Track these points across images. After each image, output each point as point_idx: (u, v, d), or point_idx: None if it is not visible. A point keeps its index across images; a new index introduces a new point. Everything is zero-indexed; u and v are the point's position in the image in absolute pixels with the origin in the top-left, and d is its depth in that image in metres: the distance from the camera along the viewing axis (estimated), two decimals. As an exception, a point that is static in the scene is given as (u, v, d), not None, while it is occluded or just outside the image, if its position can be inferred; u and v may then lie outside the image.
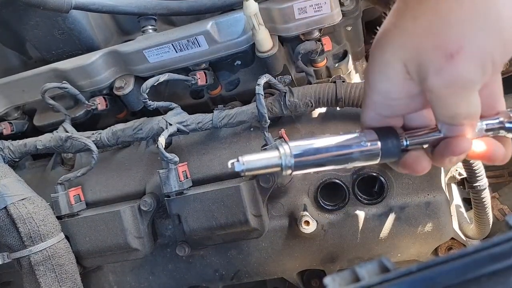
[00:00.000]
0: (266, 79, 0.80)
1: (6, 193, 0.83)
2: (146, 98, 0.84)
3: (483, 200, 0.84)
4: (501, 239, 0.32)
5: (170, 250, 0.98)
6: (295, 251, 0.93)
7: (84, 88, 0.92)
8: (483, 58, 0.49)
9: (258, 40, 0.81)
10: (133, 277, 1.01)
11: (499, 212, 1.21)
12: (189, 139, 0.95)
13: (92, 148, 0.89)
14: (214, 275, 0.98)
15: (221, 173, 0.90)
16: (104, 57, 0.90)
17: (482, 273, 0.31)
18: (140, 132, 0.90)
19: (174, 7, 0.85)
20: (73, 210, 0.90)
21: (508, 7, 0.47)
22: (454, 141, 0.55)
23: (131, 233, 0.87)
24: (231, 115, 0.86)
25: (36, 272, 0.83)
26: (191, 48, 0.86)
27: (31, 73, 0.94)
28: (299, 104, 0.84)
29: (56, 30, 0.92)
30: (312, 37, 0.84)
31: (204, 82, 0.89)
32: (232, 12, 0.84)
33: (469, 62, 0.49)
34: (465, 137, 0.55)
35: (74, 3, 0.81)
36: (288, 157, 0.48)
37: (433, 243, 0.89)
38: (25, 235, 0.82)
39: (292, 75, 0.92)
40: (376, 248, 0.90)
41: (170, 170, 0.83)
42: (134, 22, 0.95)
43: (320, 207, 0.89)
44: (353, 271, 0.35)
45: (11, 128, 1.01)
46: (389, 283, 0.32)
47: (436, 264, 0.32)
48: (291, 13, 0.80)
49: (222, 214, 0.82)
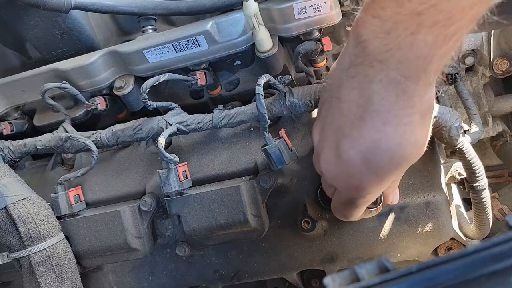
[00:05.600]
0: (266, 79, 0.80)
1: (6, 193, 0.83)
2: (146, 98, 0.84)
3: (483, 200, 0.84)
4: (501, 239, 0.32)
5: (170, 250, 0.98)
6: (295, 251, 0.93)
7: (84, 88, 0.92)
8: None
9: (258, 40, 0.81)
10: (133, 277, 1.01)
11: (499, 212, 1.21)
12: (189, 139, 0.95)
13: (92, 148, 0.89)
14: (214, 275, 0.98)
15: (221, 173, 0.90)
16: (104, 57, 0.90)
17: (482, 273, 0.31)
18: (140, 132, 0.90)
19: (174, 7, 0.85)
20: (73, 210, 0.90)
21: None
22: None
23: (131, 233, 0.87)
24: (231, 115, 0.86)
25: (36, 272, 0.83)
26: (191, 48, 0.86)
27: (31, 73, 0.94)
28: (299, 104, 0.84)
29: (56, 30, 0.92)
30: (312, 37, 0.84)
31: (204, 82, 0.89)
32: (232, 12, 0.84)
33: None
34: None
35: (74, 3, 0.81)
36: None
37: (433, 243, 0.89)
38: (25, 235, 0.82)
39: (292, 75, 0.92)
40: (376, 248, 0.90)
41: (170, 170, 0.83)
42: (134, 22, 0.95)
43: (320, 207, 0.89)
44: (353, 271, 0.35)
45: (11, 128, 1.01)
46: (389, 283, 0.32)
47: (436, 264, 0.32)
48: (291, 13, 0.80)
49: (222, 214, 0.82)
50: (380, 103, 0.48)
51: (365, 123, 0.49)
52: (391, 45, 0.46)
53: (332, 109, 0.53)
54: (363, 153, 0.50)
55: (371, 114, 0.49)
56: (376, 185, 0.54)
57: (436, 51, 0.46)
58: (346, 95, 0.51)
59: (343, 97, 0.51)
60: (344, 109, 0.51)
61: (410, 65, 0.47)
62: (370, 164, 0.51)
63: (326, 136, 0.54)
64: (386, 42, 0.47)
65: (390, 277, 0.33)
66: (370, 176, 0.52)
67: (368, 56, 0.48)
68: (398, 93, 0.48)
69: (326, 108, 0.55)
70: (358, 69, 0.50)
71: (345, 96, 0.51)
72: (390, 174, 0.52)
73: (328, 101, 0.55)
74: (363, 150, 0.50)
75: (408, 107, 0.49)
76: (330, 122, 0.54)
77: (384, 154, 0.50)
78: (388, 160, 0.50)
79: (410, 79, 0.47)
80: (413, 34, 0.45)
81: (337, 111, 0.52)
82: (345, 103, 0.51)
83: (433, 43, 0.45)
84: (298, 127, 0.91)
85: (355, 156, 0.51)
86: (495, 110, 1.25)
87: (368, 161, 0.51)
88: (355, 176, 0.53)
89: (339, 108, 0.52)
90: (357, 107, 0.50)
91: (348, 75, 0.51)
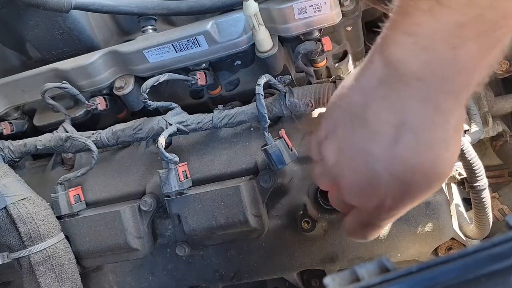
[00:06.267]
0: (266, 79, 0.80)
1: (6, 193, 0.83)
2: (146, 98, 0.84)
3: (483, 200, 0.84)
4: (501, 239, 0.32)
5: (170, 250, 0.98)
6: (295, 251, 0.93)
7: (84, 88, 0.92)
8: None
9: (258, 40, 0.81)
10: (133, 277, 1.01)
11: (499, 212, 1.21)
12: (189, 139, 0.95)
13: (92, 148, 0.89)
14: (214, 275, 0.98)
15: (221, 173, 0.90)
16: (104, 57, 0.90)
17: (482, 273, 0.31)
18: (140, 132, 0.90)
19: (174, 7, 0.85)
20: (73, 210, 0.90)
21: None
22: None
23: (131, 233, 0.87)
24: (231, 115, 0.86)
25: (36, 272, 0.83)
26: (191, 48, 0.86)
27: (31, 73, 0.94)
28: (299, 104, 0.84)
29: (56, 30, 0.92)
30: (312, 37, 0.84)
31: (204, 82, 0.89)
32: (232, 12, 0.84)
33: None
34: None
35: (74, 3, 0.81)
36: None
37: (433, 243, 0.89)
38: (25, 235, 0.82)
39: (292, 75, 0.92)
40: (376, 248, 0.90)
41: (170, 170, 0.83)
42: (134, 22, 0.95)
43: (320, 207, 0.89)
44: (353, 271, 0.35)
45: (11, 128, 1.01)
46: (389, 283, 0.32)
47: (436, 264, 0.32)
48: (291, 13, 0.80)
49: (222, 214, 0.82)
50: (417, 123, 0.46)
51: (399, 144, 0.47)
52: (430, 62, 0.44)
53: (355, 130, 0.50)
54: (398, 175, 0.49)
55: (406, 135, 0.47)
56: (409, 205, 0.53)
57: (479, 63, 0.44)
58: (374, 117, 0.48)
59: (371, 119, 0.49)
60: (372, 131, 0.49)
61: (452, 80, 0.45)
62: (405, 186, 0.49)
63: (349, 159, 0.52)
64: (424, 60, 0.44)
65: (390, 277, 0.33)
66: (404, 197, 0.51)
67: (403, 75, 0.46)
68: (435, 111, 0.46)
69: (345, 129, 0.52)
70: (390, 89, 0.47)
71: (373, 117, 0.49)
72: (425, 193, 0.51)
73: (346, 122, 0.52)
74: (397, 172, 0.49)
75: (444, 123, 0.47)
76: (352, 144, 0.51)
77: (420, 174, 0.48)
78: (423, 179, 0.49)
79: (450, 95, 0.46)
80: (455, 48, 0.43)
81: (363, 133, 0.50)
82: (373, 125, 0.49)
83: (477, 55, 0.43)
84: (298, 127, 0.91)
85: (388, 178, 0.49)
86: (495, 110, 1.25)
87: (403, 183, 0.49)
88: (388, 198, 0.51)
89: (365, 130, 0.49)
90: (390, 128, 0.47)
91: (376, 96, 0.48)
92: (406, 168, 0.48)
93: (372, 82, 0.49)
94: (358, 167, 0.51)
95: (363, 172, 0.51)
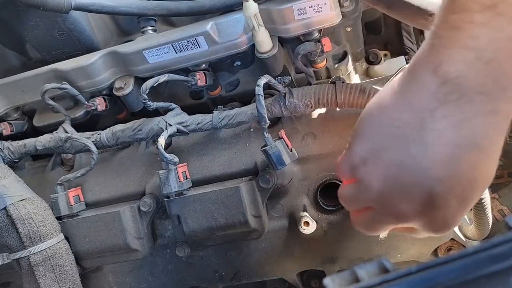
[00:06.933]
0: (266, 79, 0.80)
1: (5, 193, 0.83)
2: (146, 99, 0.84)
3: (483, 201, 0.84)
4: (501, 240, 0.32)
5: (169, 251, 0.98)
6: (294, 251, 0.93)
7: (84, 89, 0.92)
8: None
9: (258, 41, 0.81)
10: (132, 277, 1.01)
11: (499, 213, 1.21)
12: (189, 140, 0.95)
13: (91, 148, 0.89)
14: (213, 276, 0.98)
15: (220, 173, 0.90)
16: (104, 57, 0.90)
17: (482, 274, 0.31)
18: (140, 132, 0.90)
19: (174, 8, 0.85)
20: (72, 210, 0.90)
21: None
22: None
23: (131, 233, 0.87)
24: (231, 115, 0.86)
25: (35, 273, 0.83)
26: (191, 48, 0.86)
27: (31, 74, 0.94)
28: (299, 104, 0.84)
29: (56, 31, 0.92)
30: (312, 38, 0.84)
31: (204, 83, 0.89)
32: (232, 13, 0.84)
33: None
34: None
35: (74, 3, 0.81)
36: None
37: (433, 244, 0.89)
38: (24, 236, 0.82)
39: (292, 75, 0.92)
40: (376, 249, 0.90)
41: (170, 171, 0.83)
42: (134, 22, 0.95)
43: (320, 207, 0.89)
44: (352, 271, 0.35)
45: (11, 129, 1.01)
46: (389, 284, 0.33)
47: (435, 265, 0.33)
48: (290, 14, 0.80)
49: (221, 214, 0.82)
50: (484, 138, 0.46)
51: (462, 162, 0.47)
52: (494, 74, 0.44)
53: (410, 153, 0.49)
54: (457, 192, 0.48)
55: (471, 152, 0.46)
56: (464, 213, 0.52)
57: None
58: (435, 138, 0.47)
59: (431, 141, 0.47)
60: (432, 152, 0.47)
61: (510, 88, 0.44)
62: (464, 201, 0.49)
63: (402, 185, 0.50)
64: (486, 73, 0.44)
65: (390, 277, 0.33)
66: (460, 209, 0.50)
67: (465, 92, 0.45)
68: (499, 122, 0.46)
69: (396, 153, 0.50)
70: (451, 108, 0.46)
71: (433, 139, 0.47)
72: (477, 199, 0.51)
73: (396, 145, 0.50)
74: (457, 189, 0.48)
75: (503, 131, 0.47)
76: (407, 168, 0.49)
77: (480, 187, 0.48)
78: (480, 189, 0.49)
79: (508, 102, 0.45)
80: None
81: (421, 155, 0.48)
82: (435, 147, 0.47)
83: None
84: (298, 127, 0.91)
85: (448, 198, 0.48)
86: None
87: (462, 199, 0.49)
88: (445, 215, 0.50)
89: (423, 152, 0.48)
90: (454, 148, 0.46)
91: (436, 115, 0.47)
92: (467, 185, 0.47)
93: (426, 101, 0.47)
94: (413, 192, 0.49)
95: (420, 197, 0.49)
